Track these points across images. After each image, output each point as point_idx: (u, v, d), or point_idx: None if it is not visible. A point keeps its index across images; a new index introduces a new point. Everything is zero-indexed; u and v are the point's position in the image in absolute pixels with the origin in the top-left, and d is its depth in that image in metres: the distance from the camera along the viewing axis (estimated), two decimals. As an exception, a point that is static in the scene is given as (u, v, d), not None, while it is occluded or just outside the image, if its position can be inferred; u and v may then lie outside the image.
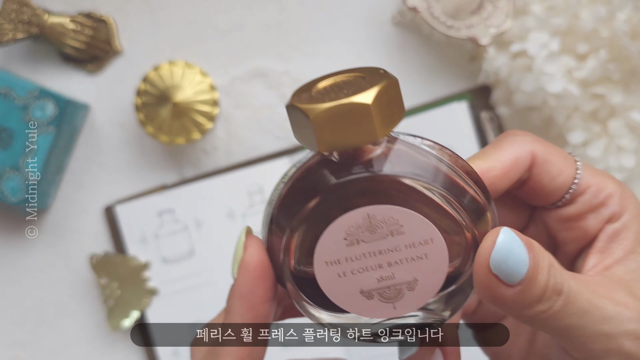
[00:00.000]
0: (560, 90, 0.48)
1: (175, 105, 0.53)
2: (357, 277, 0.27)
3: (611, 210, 0.31)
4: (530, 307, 0.27)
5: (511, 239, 0.26)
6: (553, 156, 0.31)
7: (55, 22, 0.55)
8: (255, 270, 0.28)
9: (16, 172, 0.53)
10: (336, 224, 0.26)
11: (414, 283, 0.27)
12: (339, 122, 0.25)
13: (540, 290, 0.27)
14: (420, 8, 0.52)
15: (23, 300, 0.58)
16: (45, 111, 0.53)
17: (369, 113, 0.25)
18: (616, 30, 0.47)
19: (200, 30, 0.57)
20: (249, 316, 0.29)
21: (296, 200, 0.27)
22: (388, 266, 0.27)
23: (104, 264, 0.56)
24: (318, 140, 0.25)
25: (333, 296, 0.27)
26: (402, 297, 0.27)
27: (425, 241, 0.26)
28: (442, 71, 0.55)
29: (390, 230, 0.26)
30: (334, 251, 0.27)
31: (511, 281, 0.26)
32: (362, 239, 0.27)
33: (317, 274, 0.27)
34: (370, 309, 0.28)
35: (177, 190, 0.56)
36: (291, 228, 0.27)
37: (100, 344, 0.57)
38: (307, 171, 0.28)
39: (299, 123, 0.26)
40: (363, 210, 0.26)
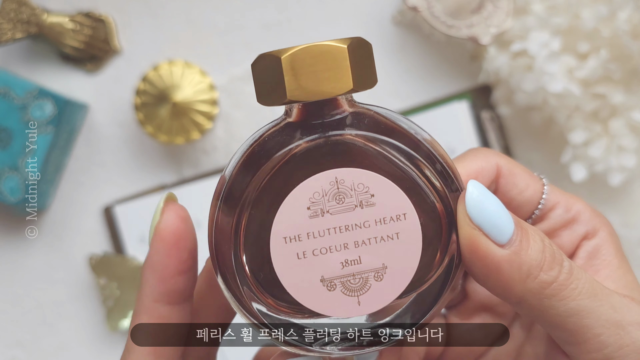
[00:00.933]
0: (561, 90, 0.48)
1: (175, 105, 0.53)
2: (319, 260, 0.24)
3: (585, 227, 0.30)
4: (532, 276, 0.25)
5: (482, 188, 0.25)
6: (518, 170, 0.30)
7: (54, 22, 0.55)
8: (168, 240, 0.26)
9: (15, 172, 0.53)
10: (300, 189, 0.24)
11: (383, 271, 0.24)
12: (312, 66, 0.23)
13: (537, 254, 0.25)
14: (420, 7, 0.52)
15: (22, 301, 0.58)
16: (44, 111, 0.53)
17: (345, 57, 0.23)
18: (617, 29, 0.47)
19: (200, 29, 0.57)
20: (159, 290, 0.26)
21: (252, 168, 0.24)
22: (355, 247, 0.24)
23: (103, 264, 0.56)
24: (288, 85, 0.23)
25: (289, 284, 0.24)
26: (367, 290, 0.24)
27: (397, 216, 0.24)
28: (443, 71, 0.55)
29: (359, 201, 0.24)
30: (295, 224, 0.24)
31: (499, 237, 0.25)
32: (328, 210, 0.24)
33: (272, 254, 0.24)
34: (330, 304, 0.24)
35: (177, 190, 0.56)
36: (246, 202, 0.24)
37: (99, 345, 0.57)
38: (266, 136, 0.25)
39: (265, 75, 0.24)
40: (331, 174, 0.23)
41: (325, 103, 0.24)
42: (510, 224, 0.25)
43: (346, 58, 0.23)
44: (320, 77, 0.23)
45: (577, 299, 0.25)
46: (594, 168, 0.50)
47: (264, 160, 0.24)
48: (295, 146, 0.24)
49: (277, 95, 0.24)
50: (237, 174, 0.25)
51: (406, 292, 0.25)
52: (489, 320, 0.32)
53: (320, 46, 0.23)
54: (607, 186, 0.52)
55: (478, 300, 0.33)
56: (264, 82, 0.24)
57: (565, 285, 0.25)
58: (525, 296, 0.25)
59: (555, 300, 0.25)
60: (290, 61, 0.23)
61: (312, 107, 0.24)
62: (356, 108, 0.25)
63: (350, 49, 0.23)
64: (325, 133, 0.24)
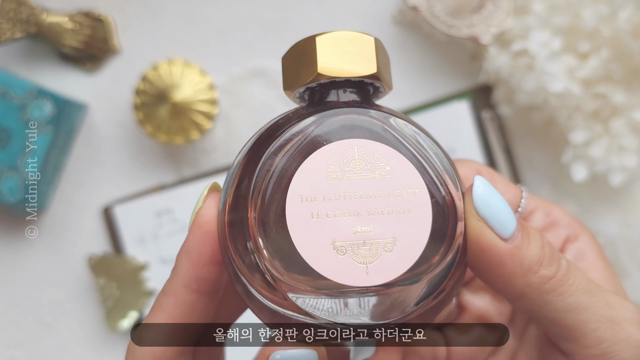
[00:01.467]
0: (561, 90, 0.48)
1: (174, 104, 0.53)
2: (332, 223, 0.24)
3: (566, 231, 0.31)
4: (532, 271, 0.26)
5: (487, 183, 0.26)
6: (498, 177, 0.31)
7: (53, 21, 0.55)
8: (206, 228, 0.26)
9: (15, 172, 0.53)
10: (322, 152, 0.25)
11: (393, 244, 0.24)
12: (343, 47, 0.25)
13: (538, 250, 0.26)
14: (420, 7, 0.52)
15: (21, 301, 0.57)
16: (43, 111, 0.53)
17: (372, 46, 0.26)
18: (618, 29, 0.47)
19: (200, 29, 0.57)
20: (191, 275, 0.27)
21: (275, 134, 0.25)
22: (367, 215, 0.24)
23: (102, 265, 0.56)
24: (319, 62, 0.25)
25: (300, 243, 0.24)
26: (377, 259, 0.24)
27: (409, 191, 0.25)
28: (443, 70, 0.55)
29: (375, 171, 0.25)
30: (313, 184, 0.24)
31: (502, 231, 0.25)
32: (345, 175, 0.25)
33: (287, 212, 0.24)
34: (339, 268, 0.24)
35: (176, 190, 0.56)
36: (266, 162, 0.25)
37: (99, 345, 0.57)
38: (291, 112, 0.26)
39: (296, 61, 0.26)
40: (351, 142, 0.25)
41: (349, 85, 0.26)
42: (512, 220, 0.26)
43: (373, 47, 0.26)
44: (348, 58, 0.26)
45: (574, 294, 0.26)
46: (594, 168, 0.50)
47: (288, 128, 0.25)
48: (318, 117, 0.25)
49: (307, 72, 0.25)
50: (261, 137, 0.26)
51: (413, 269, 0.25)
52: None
53: (351, 33, 0.26)
54: (607, 186, 0.51)
55: (475, 312, 0.33)
56: (295, 66, 0.26)
57: (564, 281, 0.26)
58: (525, 290, 0.26)
59: (554, 295, 0.26)
60: (324, 41, 0.25)
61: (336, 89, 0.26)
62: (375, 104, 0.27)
63: (377, 42, 0.26)
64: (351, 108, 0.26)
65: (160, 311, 0.27)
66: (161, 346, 0.27)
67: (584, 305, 0.26)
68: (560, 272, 0.26)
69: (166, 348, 0.27)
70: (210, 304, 0.27)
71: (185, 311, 0.27)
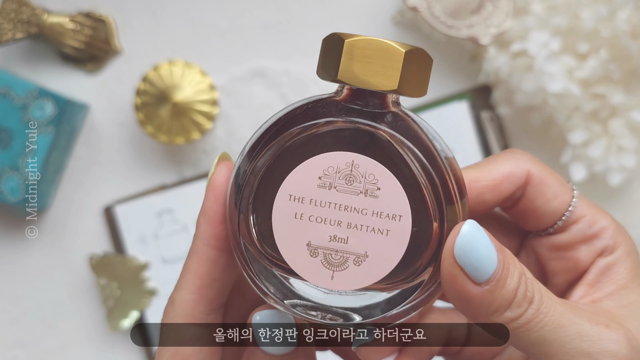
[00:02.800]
0: (560, 90, 0.48)
1: (175, 105, 0.53)
2: (312, 226, 0.26)
3: (604, 244, 0.30)
4: (498, 312, 0.26)
5: (477, 230, 0.26)
6: (550, 179, 0.31)
7: (54, 22, 0.55)
8: (220, 190, 0.29)
9: (15, 172, 0.53)
10: (319, 158, 0.26)
11: (363, 258, 0.26)
12: (368, 57, 0.25)
13: (509, 294, 0.26)
14: (420, 8, 0.52)
15: (22, 301, 0.58)
16: (44, 111, 0.53)
17: (399, 59, 0.25)
18: (617, 29, 0.47)
19: (200, 30, 0.57)
20: (210, 233, 0.29)
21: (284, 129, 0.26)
22: (347, 227, 0.26)
23: (103, 264, 0.56)
24: (342, 66, 0.25)
25: (279, 237, 0.26)
26: (344, 269, 0.26)
27: (393, 215, 0.25)
28: (443, 71, 0.55)
29: (365, 189, 0.26)
30: (303, 187, 0.26)
31: (478, 277, 0.26)
32: (336, 186, 0.26)
33: (274, 206, 0.26)
34: (308, 268, 0.26)
35: (177, 190, 0.56)
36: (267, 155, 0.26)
37: (100, 345, 0.57)
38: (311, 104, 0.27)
39: (329, 52, 0.26)
40: (350, 155, 0.25)
41: (371, 94, 0.26)
42: (493, 265, 0.26)
43: (400, 61, 0.25)
44: (372, 69, 0.25)
45: (540, 331, 0.26)
46: (593, 168, 0.50)
47: (298, 123, 0.26)
48: (330, 121, 0.26)
49: (331, 71, 0.26)
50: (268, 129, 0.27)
51: (377, 284, 0.26)
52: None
53: (381, 42, 0.25)
54: (606, 186, 0.52)
55: None
56: (326, 57, 0.26)
57: (530, 320, 0.26)
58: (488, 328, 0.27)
59: (517, 333, 0.26)
60: (351, 46, 0.25)
61: (360, 94, 0.26)
62: (398, 109, 0.27)
63: (408, 55, 0.25)
64: (361, 120, 0.26)
65: (187, 272, 0.29)
66: (192, 304, 0.29)
67: (549, 340, 0.26)
68: (528, 312, 0.26)
69: (196, 304, 0.29)
70: (229, 260, 0.29)
71: (209, 267, 0.29)
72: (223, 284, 0.30)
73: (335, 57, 0.25)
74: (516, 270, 0.27)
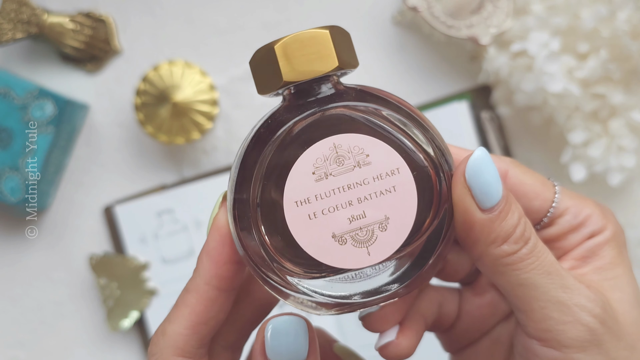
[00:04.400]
0: (560, 90, 0.48)
1: (175, 105, 0.53)
2: (328, 218, 0.27)
3: (591, 229, 0.31)
4: (495, 244, 0.28)
5: (487, 157, 0.28)
6: (529, 179, 0.32)
7: (54, 22, 0.55)
8: (225, 231, 0.29)
9: (16, 172, 0.53)
10: (304, 158, 0.27)
11: (386, 222, 0.27)
12: (301, 50, 0.26)
13: (509, 227, 0.28)
14: (420, 8, 0.52)
15: (22, 301, 0.58)
16: (44, 111, 0.53)
17: (328, 40, 0.26)
18: (617, 29, 0.47)
19: (200, 30, 0.57)
20: (213, 273, 0.29)
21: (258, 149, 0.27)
22: (358, 203, 0.27)
23: (103, 264, 0.56)
24: (283, 70, 0.26)
25: (305, 243, 0.27)
26: (375, 240, 0.27)
27: (391, 171, 0.27)
28: (443, 71, 0.55)
29: (357, 161, 0.27)
30: (304, 188, 0.27)
31: (483, 202, 0.27)
32: (331, 172, 0.27)
33: (287, 218, 0.26)
34: (343, 257, 0.27)
35: (177, 190, 0.56)
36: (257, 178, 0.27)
37: (100, 345, 0.57)
38: (269, 119, 0.28)
39: (262, 66, 0.27)
40: (329, 140, 0.26)
41: (315, 82, 0.27)
42: (497, 195, 0.28)
43: (329, 40, 0.27)
44: (310, 59, 0.26)
45: (529, 272, 0.28)
46: (593, 168, 0.50)
47: (269, 139, 0.27)
48: (293, 123, 0.27)
49: (274, 81, 0.27)
50: (246, 156, 0.28)
51: (409, 240, 0.27)
52: (497, 299, 0.35)
53: (306, 33, 0.26)
54: (606, 186, 0.52)
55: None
56: (262, 73, 0.27)
57: (522, 259, 0.28)
58: (483, 256, 0.28)
59: (509, 269, 0.28)
60: (282, 49, 0.26)
61: (305, 87, 0.28)
62: (343, 87, 0.28)
63: (332, 34, 0.27)
64: (320, 107, 0.27)
65: (183, 306, 0.30)
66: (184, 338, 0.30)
67: (536, 283, 0.28)
68: (522, 251, 0.28)
69: (188, 339, 0.30)
70: (227, 300, 0.30)
71: (207, 306, 0.30)
72: (217, 322, 0.30)
73: (272, 65, 0.27)
74: (517, 209, 0.28)
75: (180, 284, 0.55)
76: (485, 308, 0.35)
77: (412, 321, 0.32)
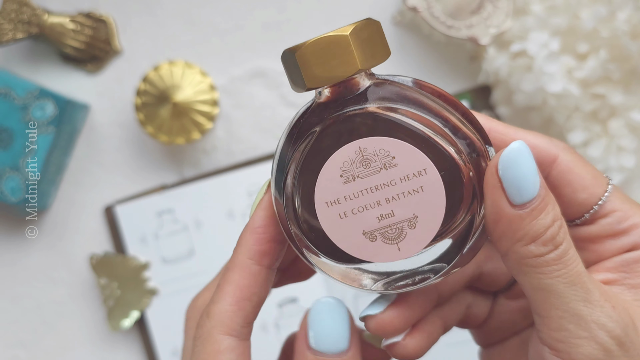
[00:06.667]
0: (560, 90, 0.48)
1: (175, 105, 0.53)
2: (358, 217, 0.27)
3: (633, 240, 0.30)
4: (522, 241, 0.26)
5: (525, 151, 0.26)
6: (581, 170, 0.30)
7: (55, 22, 0.55)
8: (271, 210, 0.29)
9: (16, 172, 0.53)
10: (331, 162, 0.27)
11: (414, 220, 0.27)
12: (322, 57, 0.26)
13: (539, 227, 0.26)
14: (420, 8, 0.52)
15: (23, 300, 0.58)
16: (45, 111, 0.53)
17: (348, 43, 0.26)
18: (616, 30, 0.47)
19: (200, 30, 0.57)
20: (255, 248, 0.29)
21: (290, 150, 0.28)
22: (386, 202, 0.27)
23: (103, 264, 0.56)
24: (305, 76, 0.27)
25: (337, 240, 0.28)
26: (404, 237, 0.27)
27: (418, 172, 0.27)
28: (442, 71, 0.55)
29: (383, 163, 0.27)
30: (333, 190, 0.27)
31: (514, 197, 0.26)
32: (358, 175, 0.27)
33: (319, 218, 0.27)
34: (375, 252, 0.28)
35: (177, 190, 0.56)
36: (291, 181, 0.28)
37: (100, 344, 0.57)
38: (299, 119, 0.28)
39: (291, 68, 0.27)
40: (354, 144, 0.27)
41: (343, 83, 0.28)
42: (533, 191, 0.26)
43: (349, 44, 0.26)
44: (330, 64, 0.26)
45: (553, 279, 0.27)
46: (593, 168, 0.50)
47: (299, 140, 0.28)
48: (323, 125, 0.27)
49: (300, 83, 0.27)
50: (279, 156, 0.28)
51: (438, 236, 0.27)
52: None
53: (326, 38, 0.26)
54: (606, 186, 0.52)
55: None
56: (291, 73, 0.28)
57: (549, 264, 0.27)
58: (509, 252, 0.27)
59: (533, 271, 0.27)
60: (302, 55, 0.26)
61: (338, 89, 0.28)
62: (374, 80, 0.28)
63: (353, 36, 0.26)
64: (346, 109, 0.27)
65: (226, 284, 0.30)
66: (229, 315, 0.29)
67: (557, 291, 0.27)
68: (550, 255, 0.26)
69: (234, 316, 0.29)
70: (268, 278, 0.30)
71: (250, 281, 0.29)
72: (259, 299, 0.30)
73: (296, 70, 0.27)
74: (553, 210, 0.27)
75: (181, 283, 0.56)
76: (517, 312, 0.34)
77: (427, 323, 0.32)
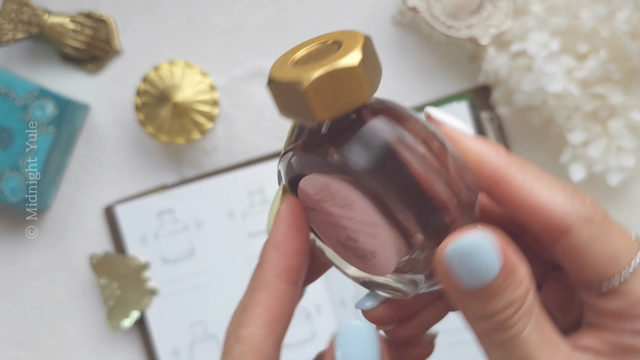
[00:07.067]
0: (560, 90, 0.48)
1: (175, 105, 0.53)
2: (331, 228, 0.27)
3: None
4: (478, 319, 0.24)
5: (481, 242, 0.23)
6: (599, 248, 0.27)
7: (55, 22, 0.55)
8: (290, 221, 0.28)
9: (16, 172, 0.53)
10: (305, 181, 0.27)
11: (374, 253, 0.27)
12: (332, 90, 0.24)
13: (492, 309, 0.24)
14: (420, 8, 0.52)
15: (23, 300, 0.58)
16: (45, 111, 0.53)
17: (359, 76, 0.24)
18: (616, 30, 0.47)
19: (200, 30, 0.57)
20: (281, 265, 0.28)
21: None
22: (352, 231, 0.27)
23: (103, 264, 0.56)
24: (316, 111, 0.24)
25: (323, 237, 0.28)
26: (368, 260, 0.27)
27: (372, 224, 0.26)
28: (442, 71, 0.55)
29: (344, 203, 0.26)
30: (309, 200, 0.27)
31: (467, 281, 0.23)
32: (325, 200, 0.27)
33: (309, 217, 0.28)
34: (350, 259, 0.28)
35: (177, 190, 0.56)
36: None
37: (100, 344, 0.57)
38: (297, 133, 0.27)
39: (286, 97, 0.25)
40: (321, 178, 0.26)
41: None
42: (486, 279, 0.23)
43: (360, 78, 0.24)
44: (341, 97, 0.24)
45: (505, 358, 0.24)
46: (593, 168, 0.50)
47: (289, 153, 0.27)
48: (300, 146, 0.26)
49: (304, 116, 0.25)
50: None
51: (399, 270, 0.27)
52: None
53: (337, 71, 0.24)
54: (606, 186, 0.52)
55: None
56: (286, 101, 0.25)
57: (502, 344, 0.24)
58: (470, 326, 0.25)
59: (490, 347, 0.25)
60: (313, 90, 0.24)
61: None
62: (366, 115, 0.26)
63: (362, 65, 0.24)
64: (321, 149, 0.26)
65: (255, 306, 0.28)
66: (262, 339, 0.27)
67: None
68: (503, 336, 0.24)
69: (266, 339, 0.27)
70: (296, 294, 0.29)
71: (280, 302, 0.28)
72: (289, 319, 0.29)
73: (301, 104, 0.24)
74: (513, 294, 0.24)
75: (181, 283, 0.56)
76: None
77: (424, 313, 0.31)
